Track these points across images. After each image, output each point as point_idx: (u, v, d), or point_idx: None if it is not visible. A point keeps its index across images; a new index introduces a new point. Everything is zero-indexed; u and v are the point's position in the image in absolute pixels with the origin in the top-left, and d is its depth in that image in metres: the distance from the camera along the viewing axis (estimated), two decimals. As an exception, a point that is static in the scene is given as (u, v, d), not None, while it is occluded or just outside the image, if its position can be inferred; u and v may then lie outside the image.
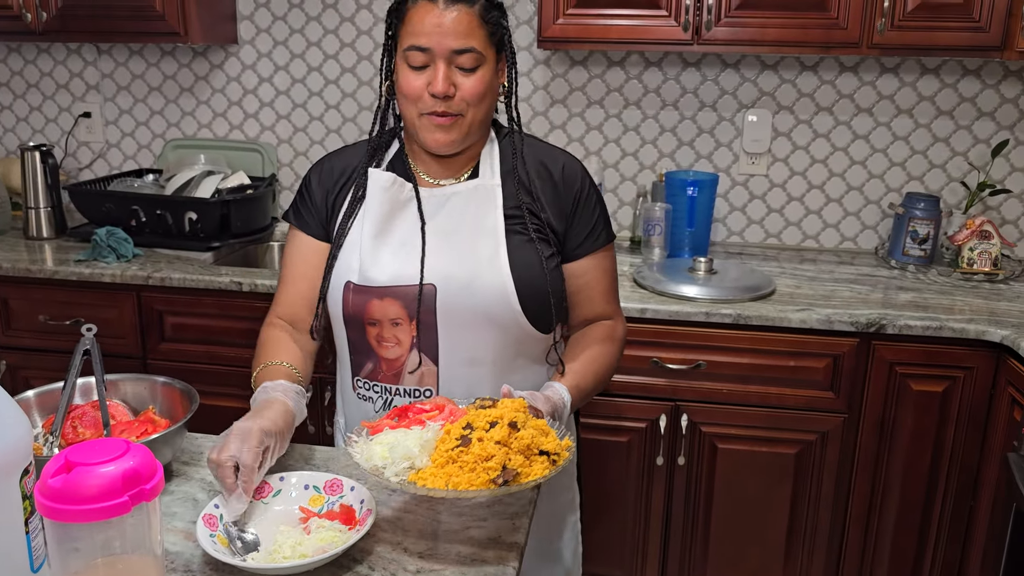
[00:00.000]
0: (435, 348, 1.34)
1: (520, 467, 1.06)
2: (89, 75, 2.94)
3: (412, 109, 1.30)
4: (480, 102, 1.30)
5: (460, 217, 1.35)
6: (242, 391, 2.34)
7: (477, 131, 1.34)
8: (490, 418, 1.11)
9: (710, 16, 2.22)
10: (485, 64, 1.29)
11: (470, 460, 1.06)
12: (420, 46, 1.26)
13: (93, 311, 2.34)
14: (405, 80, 1.29)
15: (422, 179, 1.39)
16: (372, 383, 1.39)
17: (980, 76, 2.51)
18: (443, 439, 1.10)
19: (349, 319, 1.36)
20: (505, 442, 1.07)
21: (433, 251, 1.33)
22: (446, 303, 1.31)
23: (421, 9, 1.26)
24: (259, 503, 1.15)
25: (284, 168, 2.91)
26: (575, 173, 1.39)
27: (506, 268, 1.31)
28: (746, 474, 2.19)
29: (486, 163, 1.38)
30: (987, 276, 2.36)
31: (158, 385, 1.37)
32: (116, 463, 0.85)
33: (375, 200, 1.36)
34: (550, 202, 1.37)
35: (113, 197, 2.56)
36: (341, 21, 2.75)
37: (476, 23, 1.27)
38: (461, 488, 1.04)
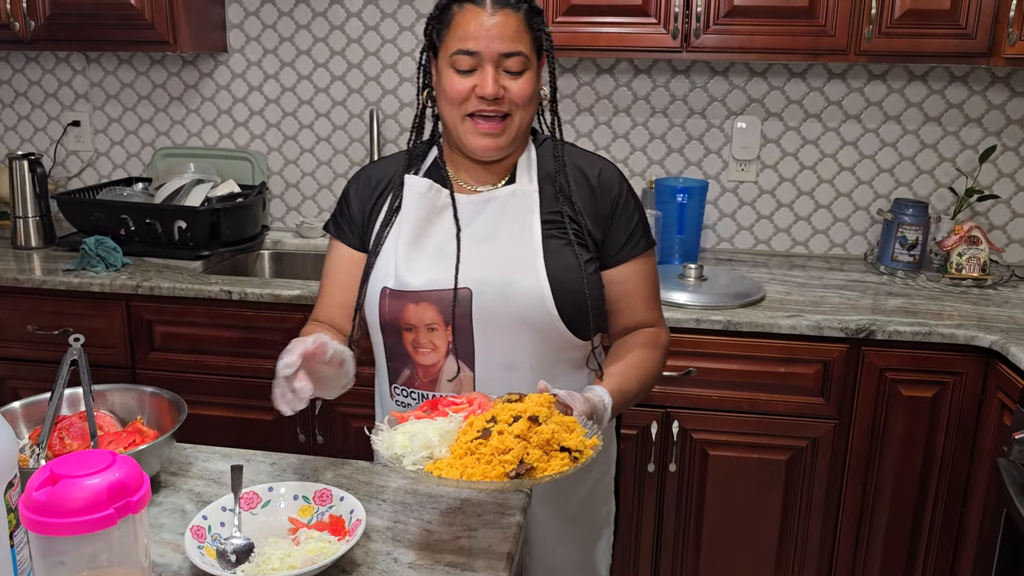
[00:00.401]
0: (471, 353, 1.33)
1: (537, 461, 1.04)
2: (78, 84, 2.94)
3: (456, 112, 1.30)
4: (527, 105, 1.31)
5: (497, 222, 1.35)
6: (232, 400, 2.34)
7: (521, 136, 1.35)
8: (515, 412, 1.09)
9: (699, 24, 2.22)
10: (531, 68, 1.30)
11: (487, 452, 1.04)
12: (468, 50, 1.26)
13: (82, 321, 2.33)
14: (450, 84, 1.29)
15: (459, 185, 1.39)
16: (410, 390, 1.39)
17: (967, 82, 2.52)
18: (465, 431, 1.09)
19: (385, 325, 1.36)
20: (524, 436, 1.06)
21: (469, 256, 1.33)
22: (482, 307, 1.31)
23: (468, 13, 1.27)
24: (247, 514, 1.14)
25: (274, 176, 2.91)
26: (612, 178, 1.39)
27: (542, 272, 1.31)
28: (737, 481, 2.19)
29: (523, 169, 1.38)
30: (976, 281, 2.38)
31: (146, 395, 1.36)
32: (102, 475, 0.84)
33: (411, 206, 1.36)
34: (587, 208, 1.36)
35: (102, 206, 2.55)
36: (331, 29, 2.75)
37: (522, 27, 1.28)
38: (475, 479, 1.02)
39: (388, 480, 1.29)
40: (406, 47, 2.73)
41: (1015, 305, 2.21)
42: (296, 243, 2.80)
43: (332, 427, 2.32)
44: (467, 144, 1.32)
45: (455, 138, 1.34)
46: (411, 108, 2.77)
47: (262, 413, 2.34)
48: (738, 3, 2.21)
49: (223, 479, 1.27)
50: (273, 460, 1.34)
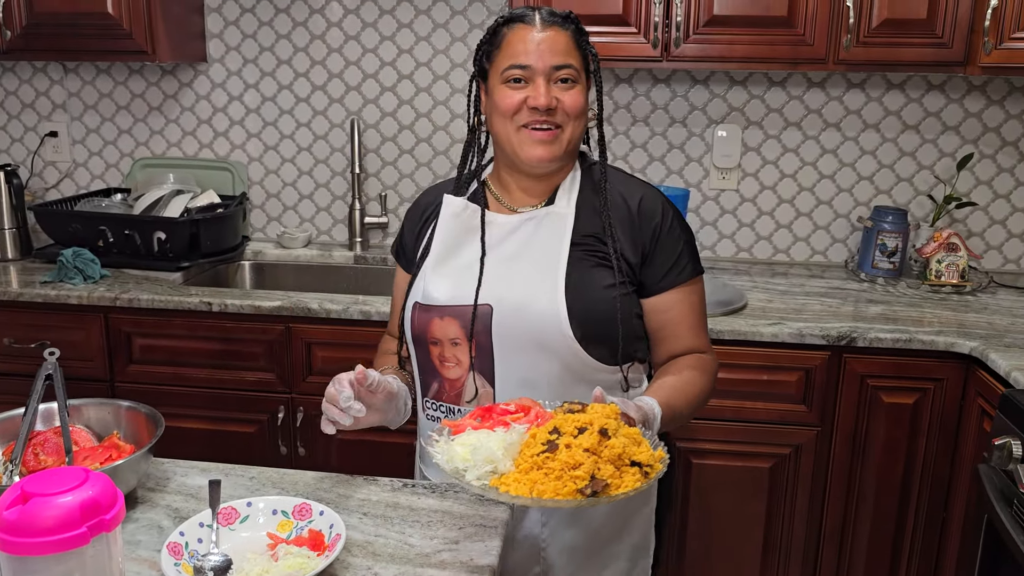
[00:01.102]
0: (491, 369, 1.34)
1: (610, 477, 1.00)
2: (55, 94, 2.91)
3: (509, 125, 1.32)
4: (579, 117, 1.33)
5: (526, 242, 1.36)
6: (212, 413, 2.32)
7: (572, 151, 1.36)
8: (579, 423, 1.05)
9: (679, 33, 2.23)
10: (580, 83, 1.33)
11: (556, 467, 1.00)
12: (520, 64, 1.30)
13: (59, 334, 2.30)
14: (502, 97, 1.32)
15: (501, 206, 1.41)
16: (438, 403, 1.40)
17: (944, 91, 2.55)
18: (528, 443, 1.06)
19: (416, 338, 1.39)
20: (595, 450, 1.01)
21: (493, 274, 1.34)
22: (501, 324, 1.32)
23: (519, 31, 1.31)
24: (225, 530, 1.12)
25: (255, 187, 2.89)
26: (654, 206, 1.38)
27: (561, 293, 1.30)
28: (721, 489, 2.19)
29: (564, 191, 1.39)
30: (955, 288, 2.39)
31: (122, 410, 1.34)
32: (74, 493, 0.83)
33: (445, 225, 1.40)
34: (625, 234, 1.35)
35: (80, 217, 2.52)
36: (312, 39, 2.74)
37: (572, 44, 1.32)
38: (546, 496, 0.99)
39: (369, 493, 1.28)
40: (387, 56, 2.72)
41: (994, 311, 2.23)
42: (277, 254, 2.78)
43: (314, 439, 2.30)
44: (522, 155, 1.33)
45: (509, 153, 1.35)
46: (392, 118, 2.77)
47: (243, 426, 2.32)
48: (718, 12, 2.22)
49: (201, 494, 1.26)
50: (252, 474, 1.33)
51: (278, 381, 2.28)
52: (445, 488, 1.29)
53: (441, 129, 2.76)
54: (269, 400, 2.29)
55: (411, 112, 2.76)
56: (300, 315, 2.20)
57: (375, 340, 2.20)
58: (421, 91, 2.74)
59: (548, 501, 0.99)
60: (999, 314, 2.20)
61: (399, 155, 2.80)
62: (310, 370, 2.26)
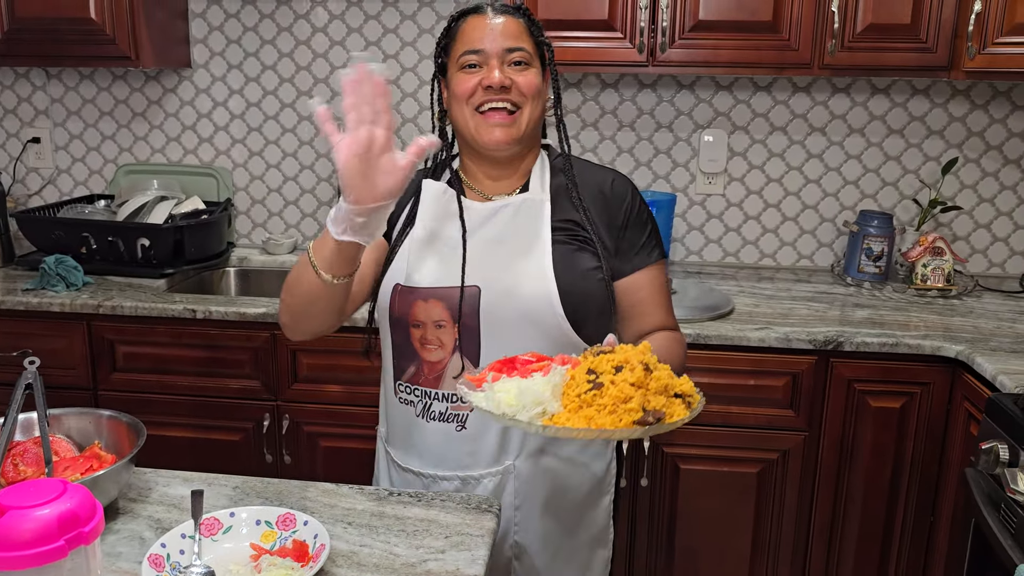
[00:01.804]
0: (476, 351, 1.35)
1: (663, 407, 1.03)
2: (38, 100, 2.88)
3: (466, 110, 1.34)
4: (535, 98, 1.35)
5: (507, 227, 1.37)
6: (196, 421, 2.30)
7: (531, 134, 1.38)
8: (614, 363, 1.07)
9: (664, 38, 2.23)
10: (535, 67, 1.35)
11: (608, 402, 1.02)
12: (474, 48, 1.33)
13: (42, 341, 2.27)
14: (458, 83, 1.34)
15: (475, 194, 1.42)
16: (413, 387, 1.40)
17: (929, 95, 2.56)
18: (570, 384, 1.06)
19: (395, 321, 1.39)
20: (641, 384, 1.04)
21: (478, 256, 1.35)
22: (489, 305, 1.33)
23: (472, 20, 1.35)
24: (208, 541, 1.11)
25: (240, 192, 2.87)
26: (624, 189, 1.43)
27: (550, 272, 1.33)
28: (709, 494, 2.19)
29: (536, 178, 1.41)
30: (941, 292, 2.40)
31: (103, 419, 1.32)
32: (52, 505, 0.81)
33: (427, 208, 1.41)
34: (600, 218, 1.39)
35: (63, 224, 2.50)
36: (296, 44, 2.73)
37: (524, 31, 1.36)
38: (607, 428, 1.01)
39: (354, 502, 1.26)
40: (373, 62, 2.71)
41: (979, 315, 2.24)
42: (262, 260, 2.76)
43: (299, 447, 2.29)
44: (480, 139, 1.34)
45: (469, 139, 1.37)
46: (378, 123, 2.75)
47: (228, 434, 2.30)
48: (703, 17, 2.22)
49: (183, 504, 1.24)
50: (235, 483, 1.31)
51: (263, 388, 2.26)
52: (431, 497, 1.28)
53: (427, 134, 2.74)
54: (254, 408, 2.27)
55: (397, 116, 2.74)
56: (285, 322, 2.18)
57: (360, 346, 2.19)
58: (407, 96, 2.73)
59: (610, 432, 1.01)
60: (985, 318, 2.21)
61: (385, 161, 2.79)
62: (295, 377, 2.24)
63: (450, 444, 1.39)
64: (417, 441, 1.42)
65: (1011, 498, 1.53)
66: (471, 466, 1.40)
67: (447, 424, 1.38)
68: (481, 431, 1.38)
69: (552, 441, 1.40)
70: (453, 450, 1.39)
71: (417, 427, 1.41)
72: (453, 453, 1.39)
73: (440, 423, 1.39)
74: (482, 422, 1.37)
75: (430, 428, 1.39)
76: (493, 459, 1.39)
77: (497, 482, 1.40)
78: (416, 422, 1.41)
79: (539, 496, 1.42)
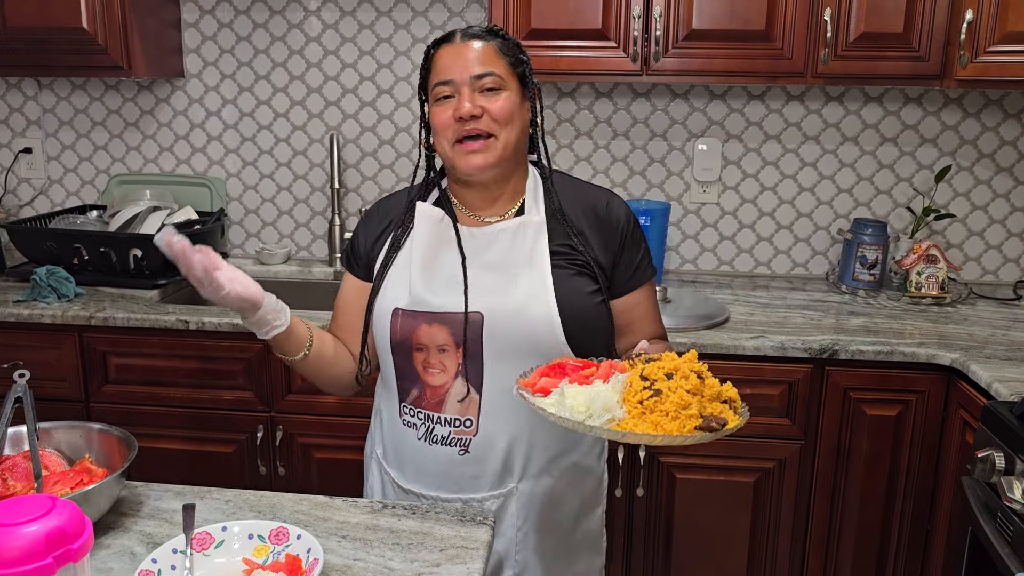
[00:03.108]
0: (480, 376, 1.35)
1: (719, 414, 1.09)
2: (30, 110, 2.87)
3: (445, 142, 1.35)
4: (509, 123, 1.34)
5: (506, 252, 1.38)
6: (190, 432, 2.28)
7: (511, 157, 1.37)
8: (664, 370, 1.12)
9: (658, 47, 2.24)
10: (508, 89, 1.35)
11: (670, 408, 1.08)
12: (444, 79, 1.34)
13: (33, 353, 2.26)
14: (434, 115, 1.36)
15: (468, 217, 1.43)
16: (417, 409, 1.40)
17: (922, 104, 2.57)
18: (629, 391, 1.12)
19: (396, 345, 1.38)
20: (696, 390, 1.10)
21: (480, 282, 1.36)
22: (493, 332, 1.33)
23: (444, 49, 1.36)
24: (200, 556, 1.10)
25: (233, 202, 2.86)
26: (619, 211, 1.43)
27: (552, 298, 1.34)
28: (705, 504, 2.18)
29: (531, 200, 1.42)
30: (935, 300, 2.40)
31: (94, 432, 1.31)
32: (40, 522, 0.80)
33: (424, 232, 1.40)
34: (596, 239, 1.40)
35: (54, 235, 2.48)
36: (290, 54, 2.72)
37: (494, 53, 1.35)
38: (674, 434, 1.06)
39: (348, 515, 1.25)
40: (366, 72, 2.71)
41: (974, 323, 2.24)
42: (256, 270, 2.75)
43: (294, 459, 2.27)
44: (459, 167, 1.35)
45: (450, 168, 1.39)
46: (372, 132, 2.75)
47: (221, 446, 2.28)
48: (697, 27, 2.22)
49: (175, 519, 1.23)
50: (228, 497, 1.30)
51: (257, 400, 2.25)
52: (426, 510, 1.27)
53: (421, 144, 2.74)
54: (248, 419, 2.26)
55: (391, 127, 2.75)
56: (279, 332, 2.17)
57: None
58: (401, 106, 2.73)
59: (681, 438, 1.06)
60: (979, 325, 2.21)
61: (379, 170, 2.78)
62: (289, 388, 2.23)
63: (452, 467, 1.39)
64: (418, 463, 1.42)
65: (1007, 506, 1.53)
66: (474, 489, 1.40)
67: (450, 448, 1.38)
68: (484, 455, 1.38)
69: (553, 460, 1.41)
70: (455, 473, 1.39)
71: (418, 450, 1.41)
72: (455, 476, 1.40)
73: (443, 447, 1.39)
74: (486, 446, 1.37)
75: (432, 451, 1.39)
76: (496, 482, 1.40)
77: (500, 504, 1.41)
78: (417, 445, 1.41)
79: (539, 514, 1.43)
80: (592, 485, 1.50)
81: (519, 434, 1.37)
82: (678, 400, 1.08)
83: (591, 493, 1.50)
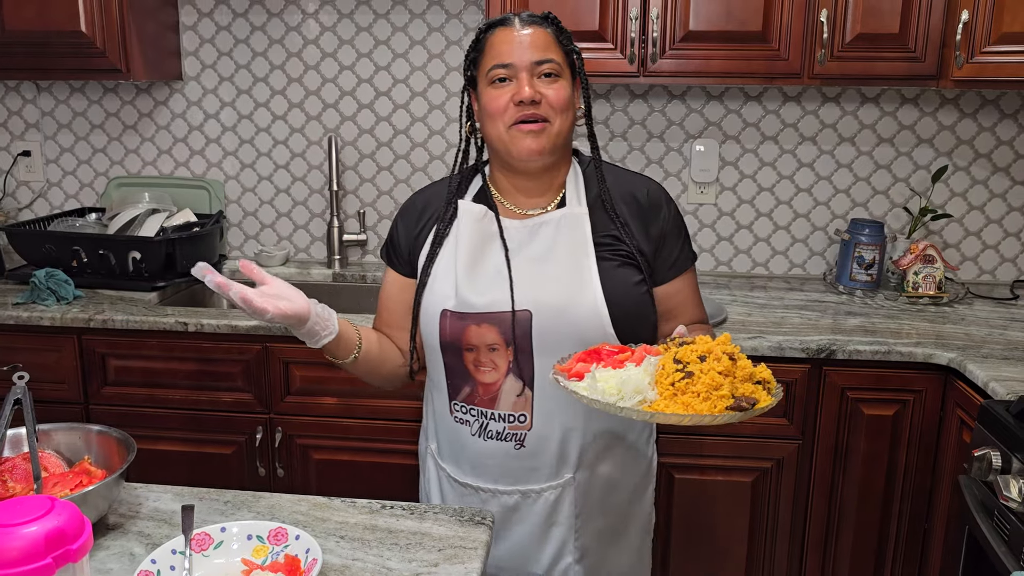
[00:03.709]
0: (531, 371, 1.37)
1: (752, 394, 1.10)
2: (28, 113, 2.88)
3: (499, 125, 1.35)
4: (565, 110, 1.35)
5: (551, 245, 1.38)
6: (189, 434, 2.29)
7: (562, 145, 1.38)
8: (697, 353, 1.14)
9: (655, 49, 2.24)
10: (564, 77, 1.36)
11: (701, 389, 1.09)
12: (503, 62, 1.34)
13: (32, 356, 2.26)
14: (489, 98, 1.35)
15: (510, 211, 1.43)
16: (469, 407, 1.42)
17: (918, 104, 2.57)
18: (661, 373, 1.14)
19: (446, 345, 1.39)
20: (728, 372, 1.11)
21: (526, 278, 1.36)
22: (541, 328, 1.34)
23: (500, 33, 1.36)
24: (199, 556, 1.10)
25: (232, 205, 2.87)
26: (660, 198, 1.44)
27: (599, 293, 1.35)
28: (703, 503, 2.18)
29: (572, 191, 1.42)
30: (932, 299, 2.41)
31: (93, 434, 1.31)
32: (39, 523, 0.81)
33: (467, 231, 1.40)
34: (638, 228, 1.41)
35: (53, 237, 2.49)
36: (288, 56, 2.73)
37: (552, 40, 1.36)
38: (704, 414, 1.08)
39: (347, 516, 1.26)
40: (364, 74, 2.72)
41: (971, 322, 2.24)
42: (255, 272, 2.75)
43: (293, 460, 2.27)
44: (514, 151, 1.35)
45: (503, 152, 1.38)
46: (370, 135, 2.76)
47: (220, 447, 2.29)
48: (694, 28, 2.23)
49: (174, 520, 1.23)
50: (227, 498, 1.30)
51: (256, 401, 2.25)
52: (424, 510, 1.28)
53: (419, 146, 2.75)
54: (247, 421, 2.26)
55: (389, 129, 2.75)
56: (278, 334, 2.18)
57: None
58: (399, 108, 2.73)
59: (710, 417, 1.08)
60: (976, 325, 2.22)
61: (377, 172, 2.79)
62: (288, 390, 2.24)
63: (508, 461, 1.41)
64: (473, 458, 1.44)
65: (1004, 505, 1.53)
66: (531, 480, 1.42)
67: (505, 443, 1.40)
68: (540, 449, 1.40)
69: (606, 448, 1.44)
70: (512, 467, 1.42)
71: (473, 445, 1.43)
72: (512, 469, 1.42)
73: (498, 442, 1.41)
74: (541, 440, 1.39)
75: (487, 446, 1.41)
76: (552, 473, 1.42)
77: (558, 495, 1.43)
78: (472, 440, 1.42)
79: (596, 500, 1.45)
80: (643, 467, 1.53)
81: (573, 426, 1.39)
82: (709, 381, 1.09)
83: (643, 474, 1.53)
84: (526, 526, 1.45)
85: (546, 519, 1.44)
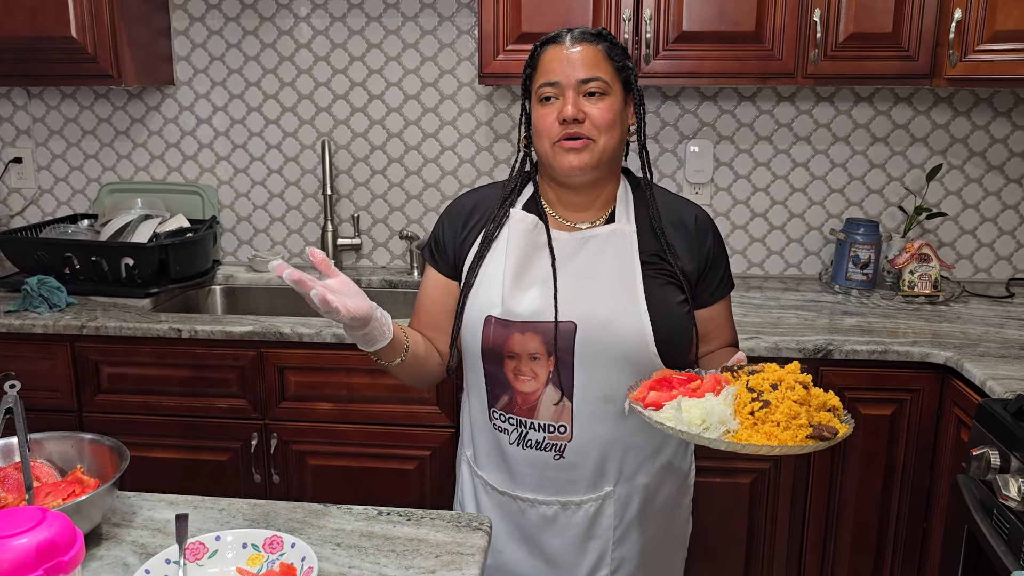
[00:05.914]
0: (571, 384, 1.37)
1: (828, 423, 1.13)
2: (19, 119, 2.86)
3: (545, 142, 1.37)
4: (610, 129, 1.35)
5: (598, 259, 1.39)
6: (183, 441, 2.27)
7: (608, 162, 1.39)
8: (769, 381, 1.17)
9: (648, 50, 2.24)
10: (612, 94, 1.36)
11: (782, 419, 1.11)
12: (549, 81, 1.35)
13: (24, 364, 2.24)
14: (538, 116, 1.38)
15: (559, 223, 1.44)
16: (508, 415, 1.42)
17: (912, 103, 2.57)
18: (738, 403, 1.16)
19: (488, 352, 1.40)
20: (804, 401, 1.14)
21: (572, 290, 1.37)
22: (585, 341, 1.35)
23: (550, 51, 1.38)
24: (193, 566, 1.09)
25: (225, 210, 2.86)
26: (707, 224, 1.47)
27: (644, 310, 1.36)
28: (702, 504, 2.17)
29: (622, 209, 1.43)
30: (928, 298, 2.41)
31: (85, 443, 1.30)
32: (29, 535, 0.80)
33: (517, 239, 1.41)
34: (684, 252, 1.43)
35: (45, 244, 2.47)
36: (280, 60, 2.72)
37: (601, 57, 1.36)
38: (788, 444, 1.10)
39: (343, 523, 1.25)
40: (357, 77, 2.71)
41: (967, 321, 2.24)
42: (249, 277, 2.74)
43: (288, 466, 2.26)
44: (556, 166, 1.37)
45: (548, 167, 1.40)
46: (363, 138, 2.75)
47: (215, 454, 2.27)
48: (687, 29, 2.23)
49: (168, 528, 1.22)
50: (222, 506, 1.29)
51: (251, 407, 2.24)
52: (421, 516, 1.27)
53: (413, 149, 2.75)
54: (242, 427, 2.25)
55: (382, 132, 2.74)
56: (272, 340, 2.17)
57: (349, 363, 2.17)
58: (392, 111, 2.72)
59: (795, 448, 1.10)
60: (972, 323, 2.22)
61: (371, 176, 2.78)
62: (283, 396, 2.22)
63: (547, 471, 1.42)
64: (511, 466, 1.44)
65: (1003, 504, 1.53)
66: (570, 492, 1.43)
67: (544, 453, 1.41)
68: (579, 460, 1.40)
69: (646, 461, 1.45)
70: (550, 477, 1.42)
71: (511, 453, 1.43)
72: (551, 479, 1.42)
73: (536, 451, 1.41)
74: (580, 452, 1.40)
75: (525, 455, 1.42)
76: (592, 486, 1.42)
77: (597, 507, 1.44)
78: (511, 449, 1.43)
79: (635, 513, 1.46)
80: (681, 478, 1.54)
81: (613, 439, 1.40)
82: (787, 410, 1.11)
83: (680, 485, 1.54)
84: (565, 538, 1.46)
85: (585, 531, 1.45)
